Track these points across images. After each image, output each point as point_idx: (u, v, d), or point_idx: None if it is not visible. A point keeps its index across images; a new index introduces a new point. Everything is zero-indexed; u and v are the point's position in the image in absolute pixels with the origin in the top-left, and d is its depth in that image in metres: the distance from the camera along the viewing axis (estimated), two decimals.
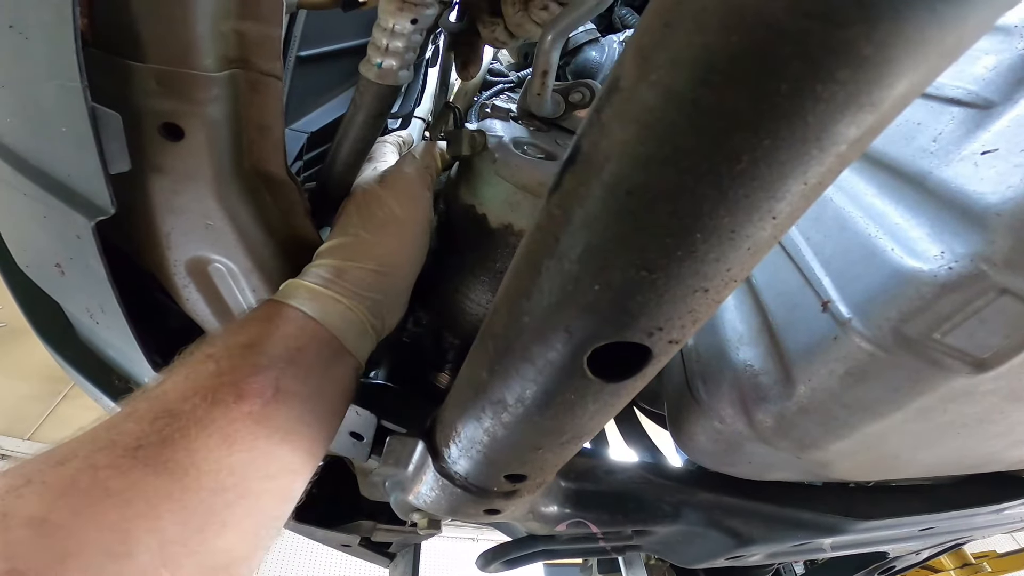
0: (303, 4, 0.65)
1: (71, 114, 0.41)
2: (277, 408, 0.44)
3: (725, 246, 0.24)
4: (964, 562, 3.63)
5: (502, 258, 0.64)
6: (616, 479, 0.70)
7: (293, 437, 0.45)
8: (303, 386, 0.46)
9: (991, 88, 0.39)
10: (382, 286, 0.55)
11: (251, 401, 0.43)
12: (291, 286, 0.53)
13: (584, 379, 0.32)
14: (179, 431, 0.39)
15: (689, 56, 0.20)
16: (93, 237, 0.47)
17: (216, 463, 0.40)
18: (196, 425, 0.40)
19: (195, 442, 0.40)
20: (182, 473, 0.38)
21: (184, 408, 0.41)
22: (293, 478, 0.46)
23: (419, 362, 0.79)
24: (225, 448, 0.40)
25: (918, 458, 0.54)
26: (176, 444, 0.39)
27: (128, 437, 0.38)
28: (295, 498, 0.47)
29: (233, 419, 0.42)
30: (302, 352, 0.48)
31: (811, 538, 0.70)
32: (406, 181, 0.61)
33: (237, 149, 0.50)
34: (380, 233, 0.56)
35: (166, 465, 0.38)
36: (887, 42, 0.17)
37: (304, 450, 0.46)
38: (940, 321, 0.37)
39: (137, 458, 0.37)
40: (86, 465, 0.36)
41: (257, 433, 0.42)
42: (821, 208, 0.48)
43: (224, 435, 0.41)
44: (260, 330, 0.48)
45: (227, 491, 0.40)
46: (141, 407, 0.41)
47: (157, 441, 0.39)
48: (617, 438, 1.13)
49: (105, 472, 0.36)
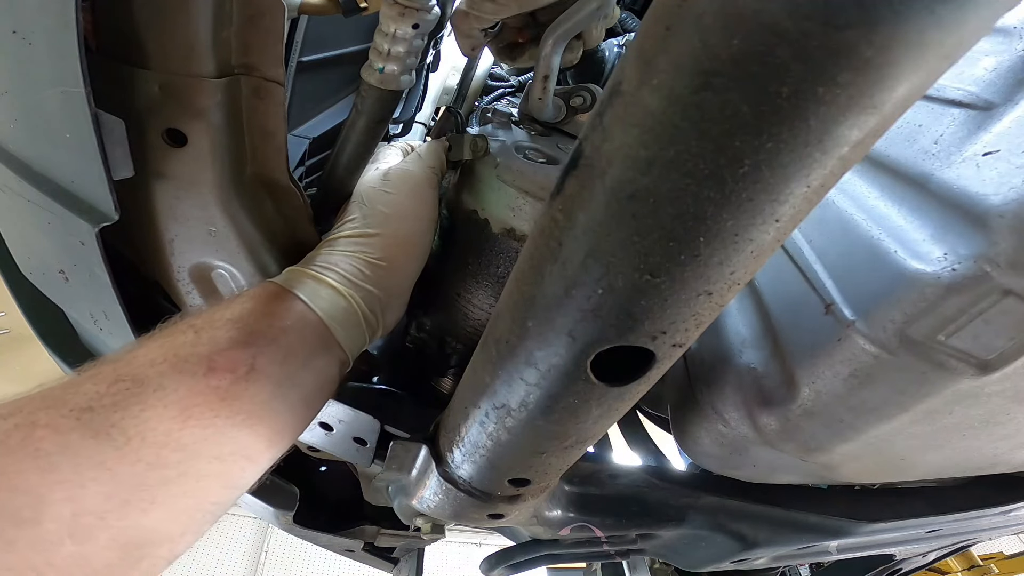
0: (304, 10, 0.66)
1: (74, 120, 0.41)
2: (246, 387, 0.42)
3: (728, 249, 0.24)
4: (971, 564, 3.61)
5: (504, 263, 0.64)
6: (620, 483, 0.69)
7: (255, 422, 0.42)
8: (279, 368, 0.44)
9: (992, 89, 0.39)
10: (381, 279, 0.54)
11: (220, 375, 0.41)
12: (289, 271, 0.52)
13: (587, 383, 0.32)
14: (135, 396, 0.38)
15: (690, 60, 0.20)
16: (97, 243, 0.47)
17: (164, 435, 0.38)
18: (156, 393, 0.38)
19: (148, 410, 0.38)
20: (124, 441, 0.36)
21: (149, 373, 0.39)
22: (245, 464, 0.43)
23: (422, 367, 0.79)
24: (179, 421, 0.38)
25: (924, 460, 0.54)
26: (128, 410, 0.37)
27: (81, 397, 0.37)
28: (244, 486, 0.44)
29: (197, 392, 0.39)
30: (285, 333, 0.46)
31: (817, 541, 0.70)
32: (411, 178, 0.61)
33: (240, 155, 0.51)
34: (382, 228, 0.56)
35: (109, 431, 0.36)
36: (888, 44, 0.17)
37: (264, 437, 0.43)
38: (944, 323, 0.37)
39: (81, 420, 0.36)
40: (26, 422, 0.35)
41: (218, 410, 0.40)
42: (824, 211, 0.48)
43: (182, 407, 0.39)
44: (248, 306, 0.46)
45: (167, 467, 0.37)
46: (106, 368, 0.39)
47: (109, 404, 0.37)
48: (621, 442, 1.13)
49: (42, 431, 0.34)
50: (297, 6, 0.63)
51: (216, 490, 0.41)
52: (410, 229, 0.58)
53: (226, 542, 5.38)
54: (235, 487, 0.43)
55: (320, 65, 0.99)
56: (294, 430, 0.47)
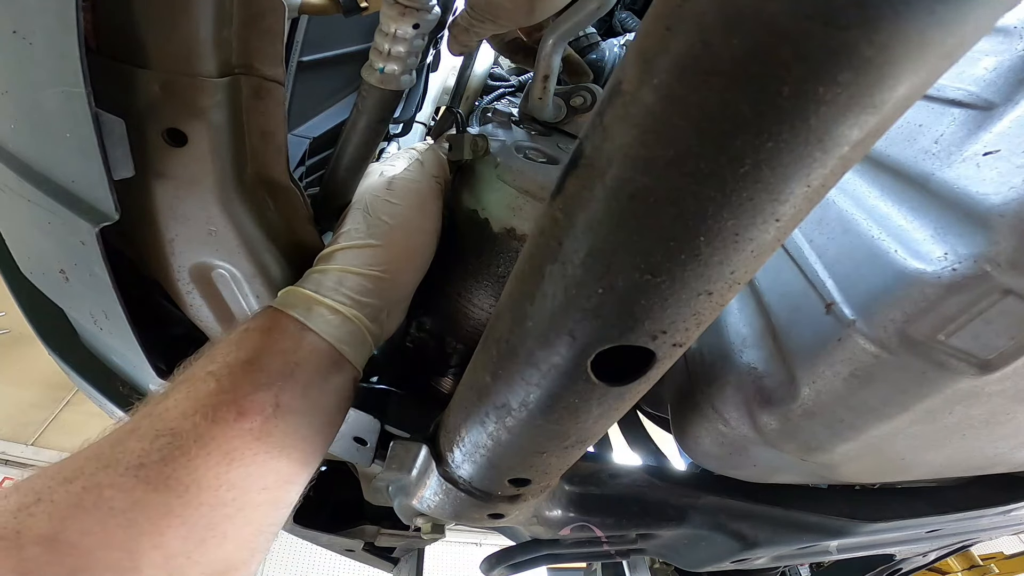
0: (305, 9, 0.66)
1: (75, 120, 0.41)
2: (276, 424, 0.45)
3: (729, 249, 0.24)
4: (971, 564, 3.61)
5: (504, 263, 0.64)
6: (620, 483, 0.69)
7: (290, 450, 0.46)
8: (302, 401, 0.47)
9: (992, 89, 0.39)
10: (383, 292, 0.54)
11: (251, 418, 0.44)
12: (290, 294, 0.52)
13: (588, 383, 0.32)
14: (179, 449, 0.41)
15: (691, 59, 0.20)
16: (97, 243, 0.47)
17: (216, 479, 0.42)
18: (196, 443, 0.42)
19: (195, 460, 0.41)
20: (183, 490, 0.40)
21: (185, 426, 0.42)
22: (288, 488, 0.47)
23: (422, 367, 0.79)
24: (224, 464, 0.42)
25: (924, 460, 0.54)
26: (176, 462, 0.41)
27: (130, 455, 0.40)
28: (291, 504, 0.49)
29: (233, 436, 0.43)
30: (300, 367, 0.48)
31: (817, 541, 0.70)
32: (415, 189, 0.61)
33: (240, 155, 0.51)
34: (385, 239, 0.56)
35: (167, 483, 0.40)
36: (888, 44, 0.17)
37: (300, 461, 0.48)
38: (945, 322, 0.37)
39: (139, 477, 0.39)
40: (92, 484, 0.38)
41: (256, 449, 0.44)
42: (824, 210, 0.48)
43: (223, 452, 0.42)
44: (259, 344, 0.48)
45: (226, 505, 0.42)
46: (143, 424, 0.42)
47: (158, 460, 0.40)
48: (621, 442, 1.13)
49: (109, 491, 0.38)
50: (297, 6, 0.63)
51: (270, 514, 0.46)
52: (413, 241, 0.58)
53: None
54: (284, 507, 0.48)
55: (320, 65, 0.99)
56: (324, 446, 0.51)
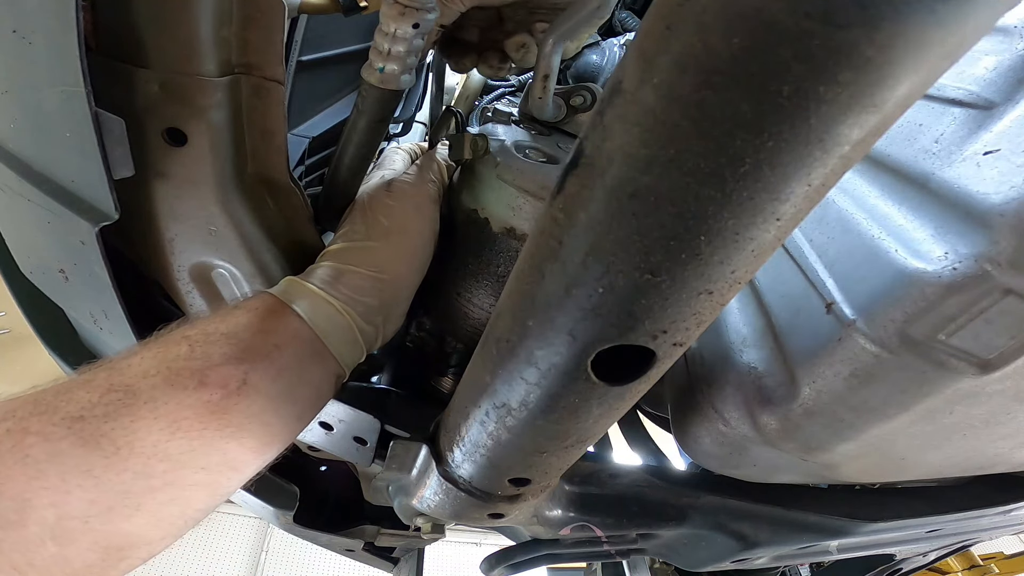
0: (304, 9, 0.66)
1: (74, 119, 0.41)
2: (237, 402, 0.43)
3: (729, 248, 0.24)
4: (971, 564, 3.61)
5: (504, 262, 0.64)
6: (620, 483, 0.69)
7: (244, 434, 0.43)
8: (272, 384, 0.45)
9: (992, 89, 0.39)
10: (379, 292, 0.54)
11: (212, 390, 0.42)
12: (288, 283, 0.52)
13: (588, 382, 0.32)
14: (126, 407, 0.39)
15: (691, 58, 0.20)
16: (97, 243, 0.47)
17: (152, 447, 0.39)
18: (148, 404, 0.39)
19: (138, 421, 0.39)
20: (113, 450, 0.37)
21: (141, 385, 0.40)
22: (231, 474, 0.44)
23: (422, 367, 0.79)
24: (168, 433, 0.40)
25: (925, 460, 0.54)
26: (118, 420, 0.38)
27: (73, 405, 0.38)
28: (228, 493, 0.46)
29: (187, 405, 0.41)
30: (280, 349, 0.46)
31: (817, 541, 0.70)
32: (413, 192, 0.61)
33: (240, 154, 0.51)
34: (383, 240, 0.56)
35: (99, 440, 0.37)
36: (889, 43, 0.17)
37: (252, 449, 0.45)
38: (945, 322, 0.37)
39: (72, 428, 0.37)
40: (18, 428, 0.36)
41: (207, 423, 0.41)
42: (824, 210, 0.48)
43: (172, 419, 0.40)
44: (244, 320, 0.47)
45: (153, 476, 0.39)
46: (99, 376, 0.40)
47: (101, 414, 0.38)
48: (621, 442, 1.13)
49: (32, 438, 0.36)
50: (297, 5, 0.63)
51: (201, 498, 0.43)
52: (411, 243, 0.59)
53: (226, 542, 5.38)
54: (219, 495, 0.44)
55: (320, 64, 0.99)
56: (283, 441, 0.48)
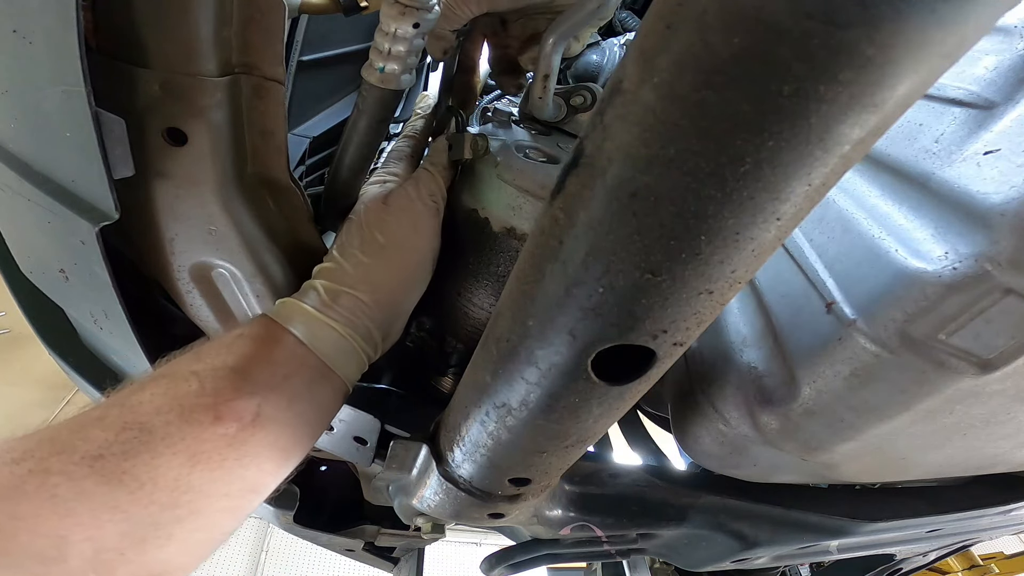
0: (305, 9, 0.66)
1: (75, 119, 0.41)
2: (253, 433, 0.44)
3: (729, 248, 0.24)
4: (971, 563, 3.61)
5: (505, 262, 0.64)
6: (620, 483, 0.69)
7: (263, 460, 0.45)
8: (285, 413, 0.46)
9: (992, 88, 0.39)
10: (376, 314, 0.54)
11: (228, 424, 0.43)
12: (287, 306, 0.52)
13: (588, 382, 0.32)
14: (144, 445, 0.39)
15: (691, 58, 0.20)
16: (97, 242, 0.47)
17: (175, 480, 0.40)
18: (164, 441, 0.40)
19: (158, 458, 0.40)
20: (136, 486, 0.38)
21: (156, 423, 0.41)
22: (251, 497, 0.46)
23: (422, 367, 0.79)
24: (188, 467, 0.40)
25: (925, 459, 0.54)
26: (138, 457, 0.39)
27: (91, 444, 0.39)
28: (250, 512, 0.47)
29: (205, 439, 0.42)
30: (289, 380, 0.47)
31: (817, 540, 0.70)
32: (411, 207, 0.59)
33: (240, 154, 0.51)
34: (378, 258, 0.55)
35: (121, 477, 0.38)
36: (889, 43, 0.17)
37: (270, 472, 0.46)
38: (945, 322, 0.37)
39: (93, 468, 0.38)
40: (39, 468, 0.37)
41: (226, 455, 0.42)
42: (824, 210, 0.48)
43: (191, 453, 0.41)
44: (249, 351, 0.47)
45: (179, 507, 0.40)
46: (111, 414, 0.41)
47: (119, 452, 0.39)
48: (621, 441, 1.13)
49: (56, 478, 0.36)
50: (297, 5, 0.63)
51: (226, 522, 0.44)
52: (408, 261, 0.57)
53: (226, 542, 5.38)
54: (243, 516, 0.46)
55: (320, 64, 0.99)
56: (299, 458, 0.50)
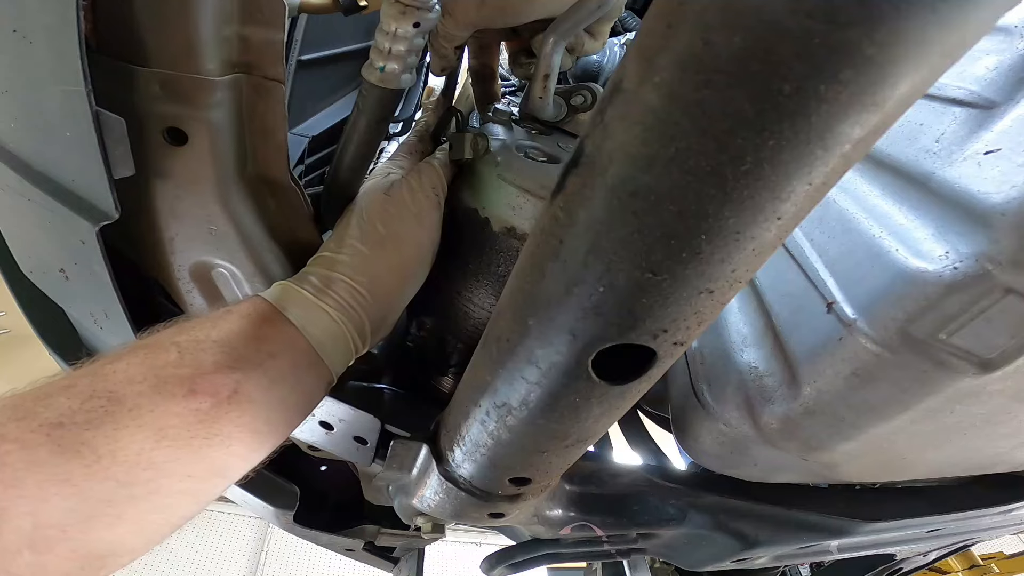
0: (304, 8, 0.66)
1: (75, 119, 0.41)
2: (228, 411, 0.41)
3: (730, 247, 0.24)
4: (972, 563, 3.61)
5: (505, 262, 0.64)
6: (621, 482, 0.69)
7: (233, 442, 0.42)
8: (265, 394, 0.44)
9: (993, 88, 0.39)
10: (371, 304, 0.53)
11: (201, 398, 0.40)
12: (282, 288, 0.51)
13: (588, 382, 0.32)
14: (109, 415, 0.37)
15: (692, 57, 0.20)
16: (97, 242, 0.47)
17: (136, 455, 0.37)
18: (132, 412, 0.38)
19: (122, 430, 0.37)
20: (94, 459, 0.36)
21: (126, 392, 0.39)
22: (217, 481, 0.43)
23: (422, 366, 0.79)
24: (152, 441, 0.38)
25: (925, 459, 0.54)
26: (100, 428, 0.37)
27: (53, 412, 0.37)
28: (212, 498, 0.44)
29: (174, 413, 0.39)
30: (274, 359, 0.45)
31: (817, 540, 0.70)
32: (412, 199, 0.59)
33: (240, 153, 0.51)
34: (377, 249, 0.55)
35: (79, 449, 0.36)
36: (890, 42, 0.17)
37: (240, 456, 0.43)
38: (946, 321, 0.37)
39: (51, 436, 0.36)
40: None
41: (195, 432, 0.40)
42: (825, 209, 0.48)
43: (158, 427, 0.38)
44: (236, 327, 0.45)
45: (136, 485, 0.38)
46: (81, 383, 0.39)
47: (82, 421, 0.37)
48: (621, 441, 1.13)
49: (10, 446, 0.35)
50: (297, 5, 0.63)
51: (186, 505, 0.41)
52: (407, 254, 0.57)
53: (226, 542, 5.38)
54: (205, 501, 0.43)
55: (320, 63, 0.99)
56: (272, 446, 0.47)
